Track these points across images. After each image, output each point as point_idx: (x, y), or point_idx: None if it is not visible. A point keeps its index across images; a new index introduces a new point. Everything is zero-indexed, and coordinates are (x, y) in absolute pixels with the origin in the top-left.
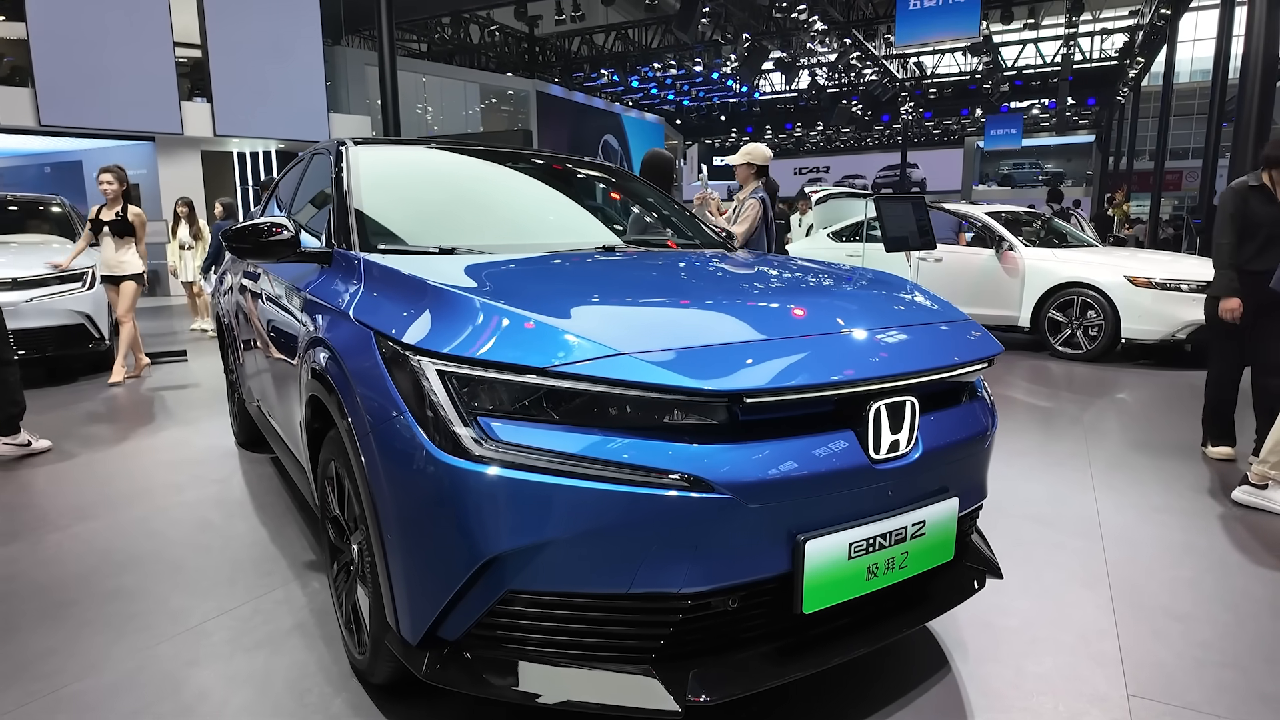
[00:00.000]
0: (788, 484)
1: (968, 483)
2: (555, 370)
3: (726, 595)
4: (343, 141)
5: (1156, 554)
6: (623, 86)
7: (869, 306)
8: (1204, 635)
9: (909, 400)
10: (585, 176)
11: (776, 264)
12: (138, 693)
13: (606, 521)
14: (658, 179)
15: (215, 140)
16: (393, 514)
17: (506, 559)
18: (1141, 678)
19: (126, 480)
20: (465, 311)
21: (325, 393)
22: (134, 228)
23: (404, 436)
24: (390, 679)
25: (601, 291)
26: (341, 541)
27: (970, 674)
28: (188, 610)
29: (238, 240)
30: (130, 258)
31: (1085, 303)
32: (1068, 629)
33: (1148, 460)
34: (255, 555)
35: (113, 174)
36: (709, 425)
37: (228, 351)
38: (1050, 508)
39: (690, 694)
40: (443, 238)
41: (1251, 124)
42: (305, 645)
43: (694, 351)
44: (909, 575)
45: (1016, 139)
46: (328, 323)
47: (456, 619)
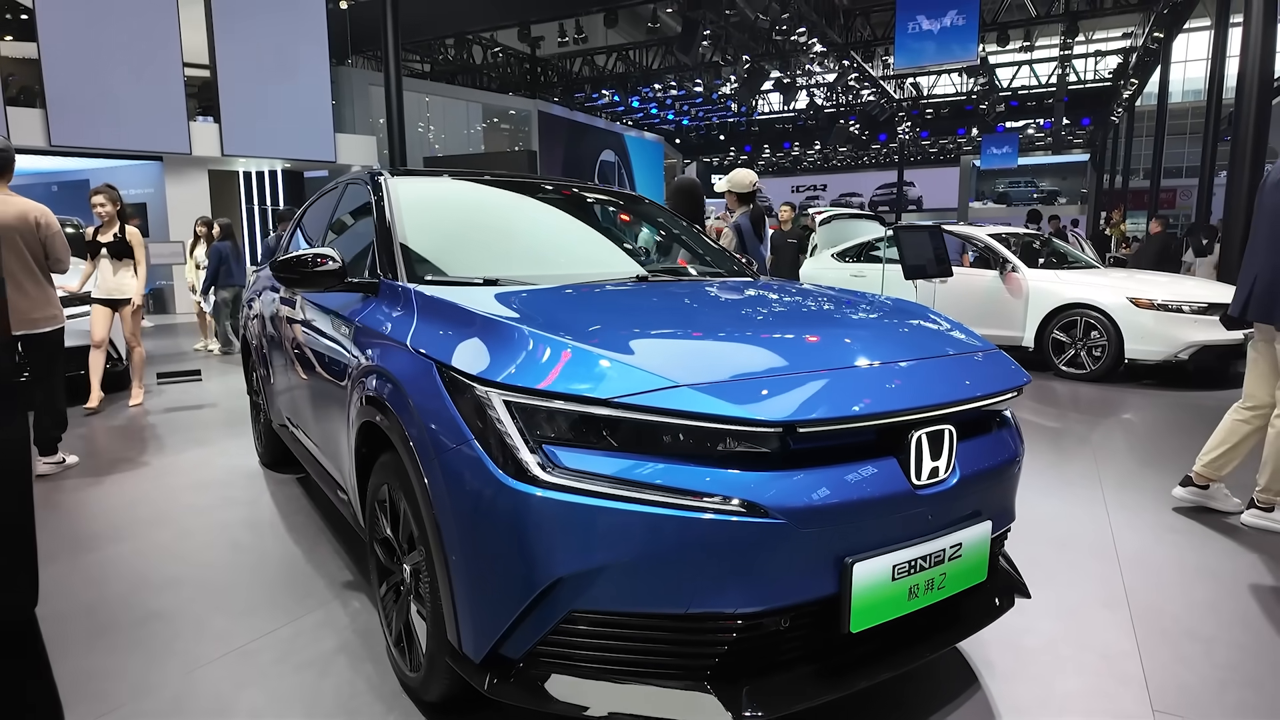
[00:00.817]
0: (837, 509)
1: (999, 506)
2: (618, 401)
3: (778, 616)
4: (379, 172)
5: (1173, 575)
6: (623, 106)
7: (906, 337)
8: (1225, 656)
9: (948, 429)
10: (615, 207)
11: (807, 294)
12: (190, 714)
13: (666, 544)
14: (688, 207)
15: (222, 160)
16: (457, 537)
17: (571, 580)
18: (1166, 697)
19: (154, 502)
20: (529, 344)
21: (383, 419)
22: (132, 249)
23: (470, 463)
24: (444, 696)
25: (652, 323)
26: (392, 562)
27: (1000, 692)
28: (230, 632)
29: (284, 270)
30: (130, 280)
31: (1089, 323)
32: (1091, 649)
33: (1157, 480)
34: (291, 576)
35: (105, 195)
36: (762, 453)
37: (253, 374)
38: (1066, 528)
39: (745, 710)
40: (483, 268)
41: (1249, 141)
42: (351, 665)
43: (748, 383)
44: (947, 595)
45: (1012, 158)
46: (382, 352)
47: (520, 637)
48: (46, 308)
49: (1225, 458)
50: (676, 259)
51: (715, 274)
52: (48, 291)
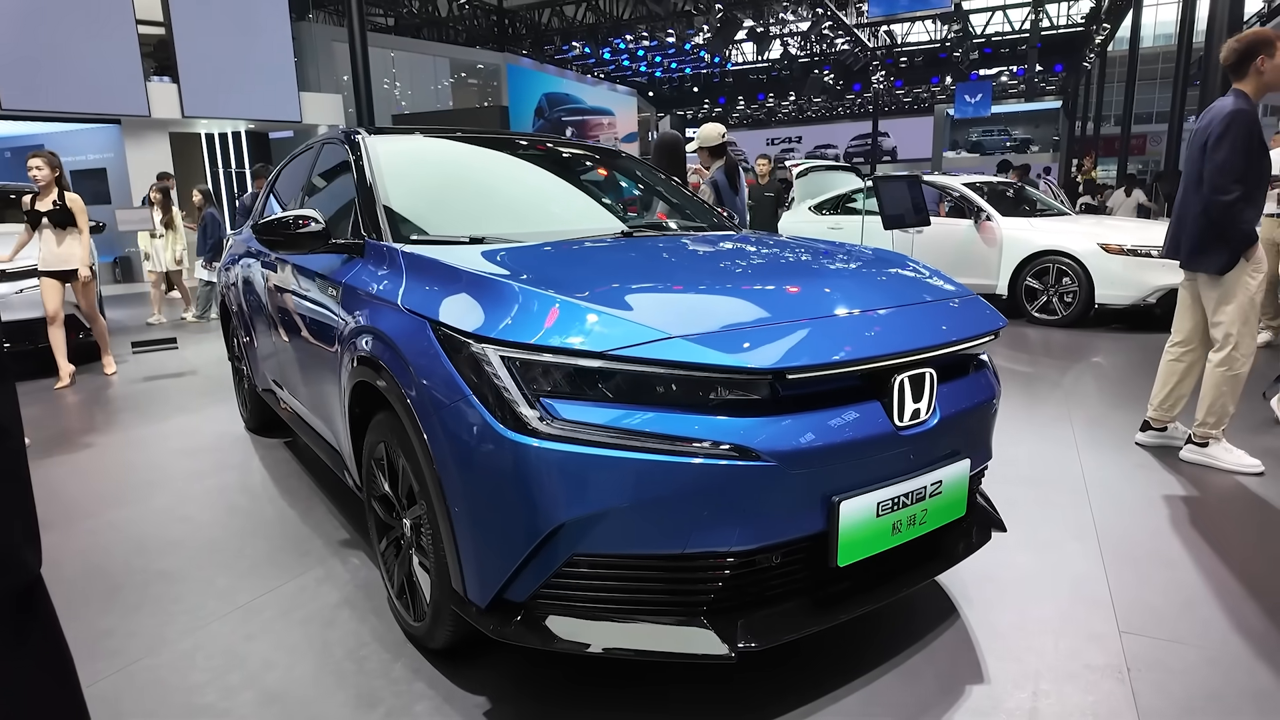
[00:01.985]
0: (824, 451)
1: (976, 445)
2: (613, 354)
3: (770, 552)
4: (356, 131)
5: (1139, 507)
6: (594, 59)
7: (888, 286)
8: (1187, 578)
9: (928, 372)
10: (595, 162)
11: (789, 245)
12: (204, 666)
13: (663, 489)
14: (670, 162)
15: (183, 122)
16: (460, 490)
17: (572, 525)
18: (1132, 618)
19: (145, 468)
20: (524, 301)
21: (378, 378)
22: (74, 215)
23: (469, 418)
24: (449, 643)
25: (641, 277)
26: (391, 518)
27: (978, 620)
28: (233, 590)
29: (267, 233)
30: (77, 249)
31: (1060, 270)
32: (1062, 578)
33: (1125, 419)
34: (289, 535)
35: (44, 159)
36: (752, 399)
37: (234, 339)
38: (1038, 468)
39: (740, 641)
40: (467, 227)
41: (1218, 85)
42: (356, 617)
43: (738, 332)
44: (928, 530)
45: (986, 106)
46: (373, 312)
47: (524, 582)
48: None
49: (1170, 398)
50: (657, 214)
51: (698, 228)
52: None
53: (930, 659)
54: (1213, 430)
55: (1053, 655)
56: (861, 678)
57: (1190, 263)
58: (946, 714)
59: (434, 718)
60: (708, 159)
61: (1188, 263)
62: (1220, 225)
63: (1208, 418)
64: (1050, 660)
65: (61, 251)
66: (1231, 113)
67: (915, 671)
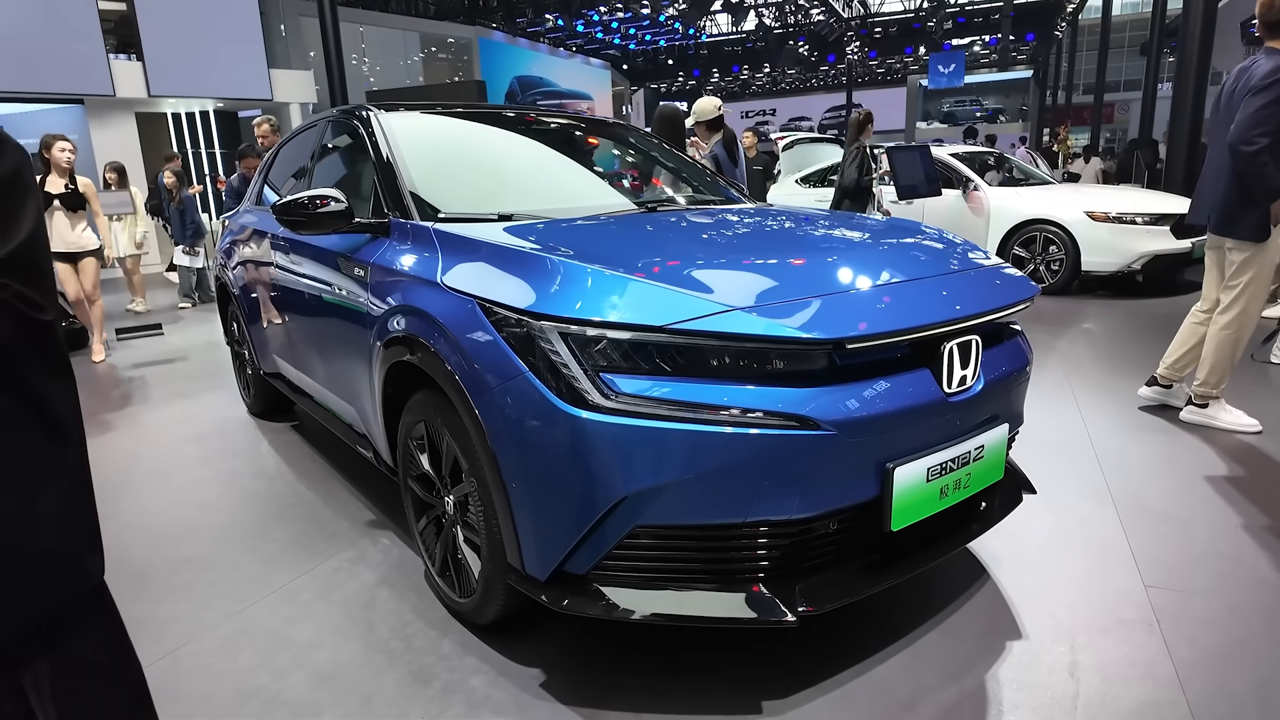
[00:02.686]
0: (880, 419)
1: (1012, 410)
2: (674, 328)
3: (828, 519)
4: (365, 106)
5: (1147, 468)
6: (567, 32)
7: (931, 255)
8: (1200, 534)
9: (974, 339)
10: (607, 136)
11: (818, 218)
12: (251, 649)
13: (725, 461)
14: (670, 135)
15: (149, 101)
16: (518, 466)
17: (635, 498)
18: (1154, 573)
19: (151, 457)
20: (579, 277)
21: (421, 358)
22: (86, 199)
23: (528, 395)
24: (499, 617)
25: (686, 250)
26: (432, 496)
27: (1008, 580)
28: (266, 574)
29: (287, 214)
30: (88, 233)
31: (1047, 238)
32: (1083, 537)
33: (1122, 384)
34: (313, 518)
35: (72, 143)
36: (810, 370)
37: (233, 323)
38: (1047, 433)
39: (799, 606)
40: (490, 203)
41: (1194, 54)
42: (395, 596)
43: (795, 304)
44: (971, 494)
45: (959, 77)
46: (410, 292)
47: (585, 554)
48: None
49: (1185, 359)
50: (670, 187)
51: (716, 201)
52: None
53: (969, 618)
54: (1213, 391)
55: (1084, 610)
56: (904, 638)
57: (1224, 228)
58: (991, 669)
59: (491, 690)
60: (705, 133)
61: (1221, 228)
62: (1244, 178)
63: (1209, 379)
64: (1083, 615)
65: (73, 236)
66: (1273, 69)
67: (956, 630)
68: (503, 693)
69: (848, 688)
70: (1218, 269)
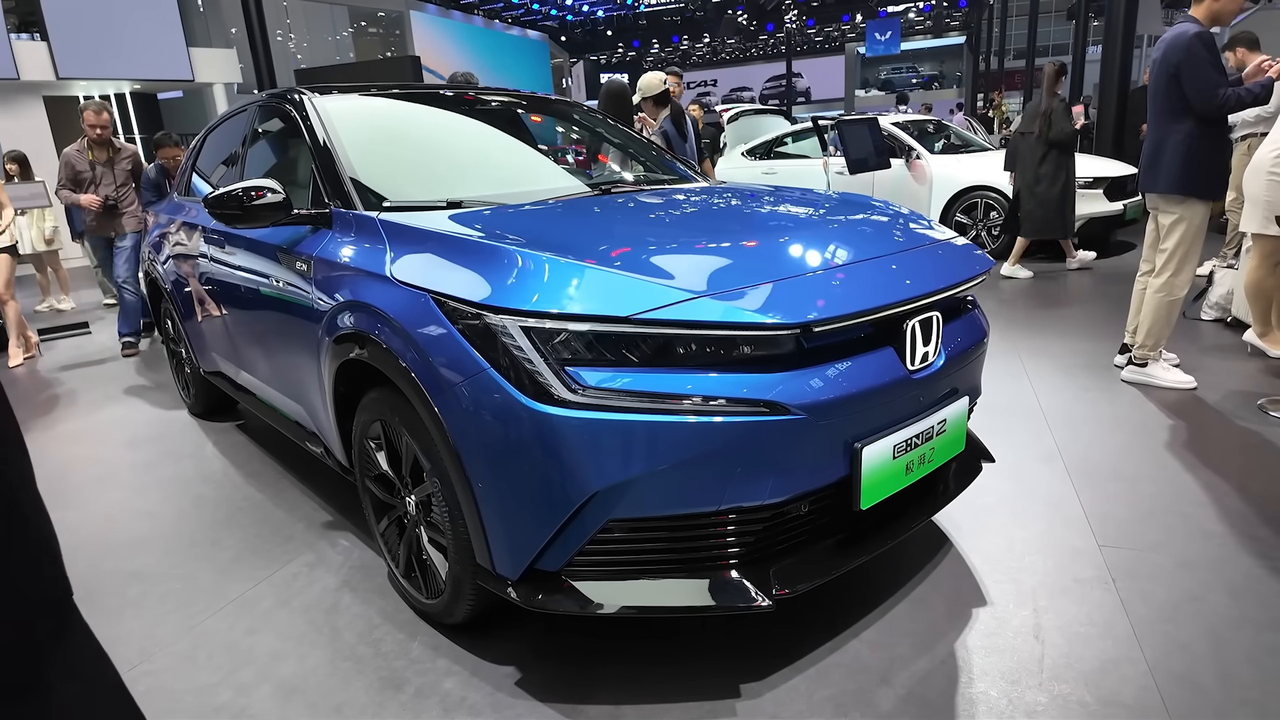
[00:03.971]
0: (848, 400)
1: (971, 383)
2: (639, 317)
3: (800, 501)
4: (298, 90)
5: (1094, 428)
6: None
7: (885, 232)
8: (1148, 490)
9: (935, 315)
10: (554, 115)
11: (775, 196)
12: (209, 665)
13: (697, 450)
14: (618, 111)
15: (59, 85)
16: (483, 465)
17: (606, 492)
18: (1106, 532)
19: (88, 465)
20: (537, 267)
21: (372, 355)
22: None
23: (491, 392)
24: (469, 616)
25: (645, 236)
26: (392, 497)
27: (970, 547)
28: (221, 584)
29: (220, 207)
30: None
31: (988, 204)
32: (1037, 499)
33: (1065, 345)
34: (266, 522)
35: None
36: (777, 354)
37: (166, 320)
38: (997, 397)
39: (774, 588)
40: (436, 190)
41: (1120, 18)
42: (359, 600)
43: (760, 289)
44: (935, 468)
45: (895, 44)
46: (357, 287)
47: (557, 551)
48: None
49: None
50: (621, 165)
51: (671, 180)
52: None
53: (935, 587)
54: (1151, 352)
55: (1044, 573)
56: (875, 610)
57: (1149, 183)
58: (960, 637)
59: (466, 692)
60: (653, 108)
61: (1146, 183)
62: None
63: (1146, 340)
64: (1042, 578)
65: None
66: (1189, 41)
67: (924, 600)
68: (478, 694)
69: (823, 665)
70: (1156, 233)
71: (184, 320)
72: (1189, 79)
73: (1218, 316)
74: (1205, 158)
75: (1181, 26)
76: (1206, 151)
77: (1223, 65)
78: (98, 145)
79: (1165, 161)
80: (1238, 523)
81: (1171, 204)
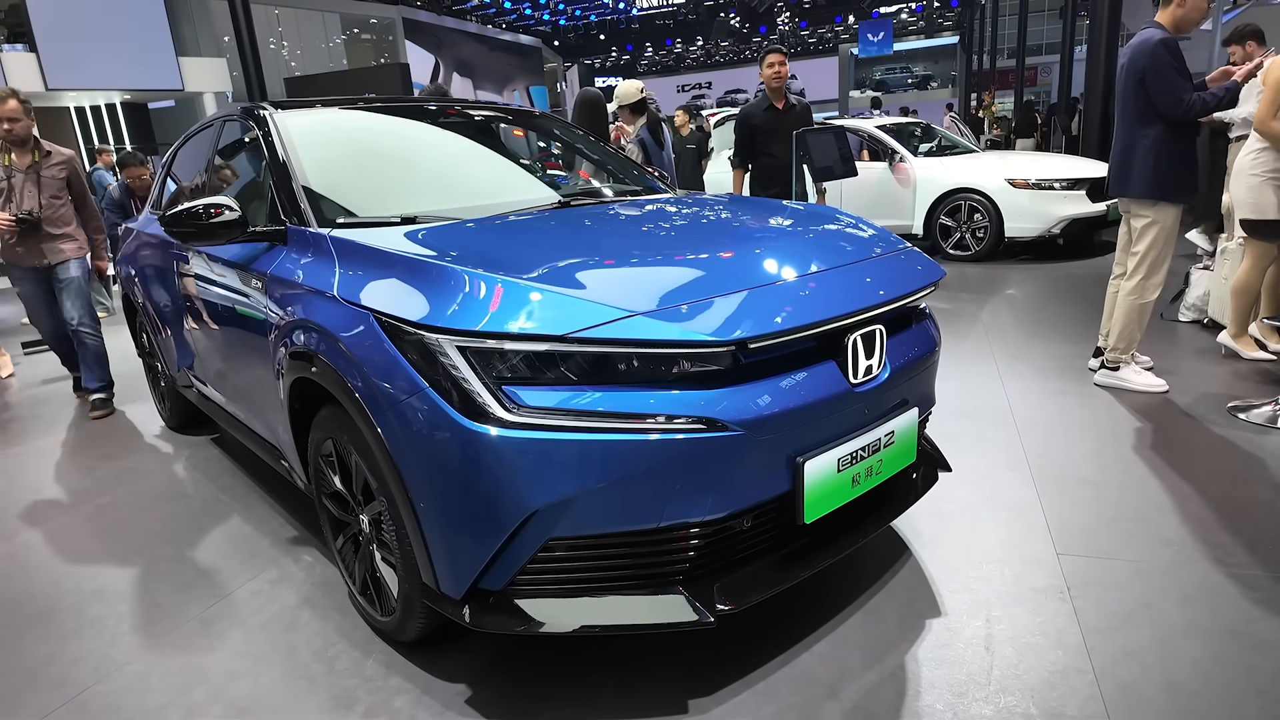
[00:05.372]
0: (787, 415)
1: (922, 393)
2: (576, 336)
3: (741, 517)
4: (260, 106)
5: (1063, 432)
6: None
7: (832, 245)
8: (1111, 496)
9: (878, 328)
10: (518, 126)
11: (728, 207)
12: (161, 686)
13: (635, 467)
14: (591, 120)
15: (48, 95)
16: (424, 484)
17: (546, 511)
18: (1067, 539)
19: (58, 481)
20: (474, 286)
21: (319, 373)
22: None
23: (428, 411)
24: (421, 634)
25: (590, 251)
26: (346, 514)
27: (928, 556)
28: (181, 602)
29: (177, 224)
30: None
31: (972, 206)
32: (1000, 507)
33: (1042, 348)
34: (232, 537)
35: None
36: (714, 370)
37: (142, 335)
38: (967, 401)
39: (718, 605)
40: (393, 205)
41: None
42: (318, 617)
43: (697, 305)
44: (883, 479)
45: (888, 44)
46: (307, 305)
47: (499, 570)
48: None
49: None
50: (587, 177)
51: (633, 191)
52: None
53: (890, 597)
54: (1123, 355)
55: (1000, 582)
56: (829, 622)
57: (1119, 188)
58: (911, 649)
59: (416, 710)
60: (629, 117)
61: (1116, 188)
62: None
63: (1118, 343)
64: (998, 587)
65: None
66: (1154, 48)
67: (877, 611)
68: (427, 712)
69: (772, 679)
70: (1128, 236)
71: (155, 335)
72: (1154, 86)
73: (1195, 318)
74: (1175, 161)
75: (1146, 33)
76: (1176, 155)
77: (1187, 70)
78: (14, 146)
79: (1136, 166)
80: (1197, 529)
81: (1144, 208)
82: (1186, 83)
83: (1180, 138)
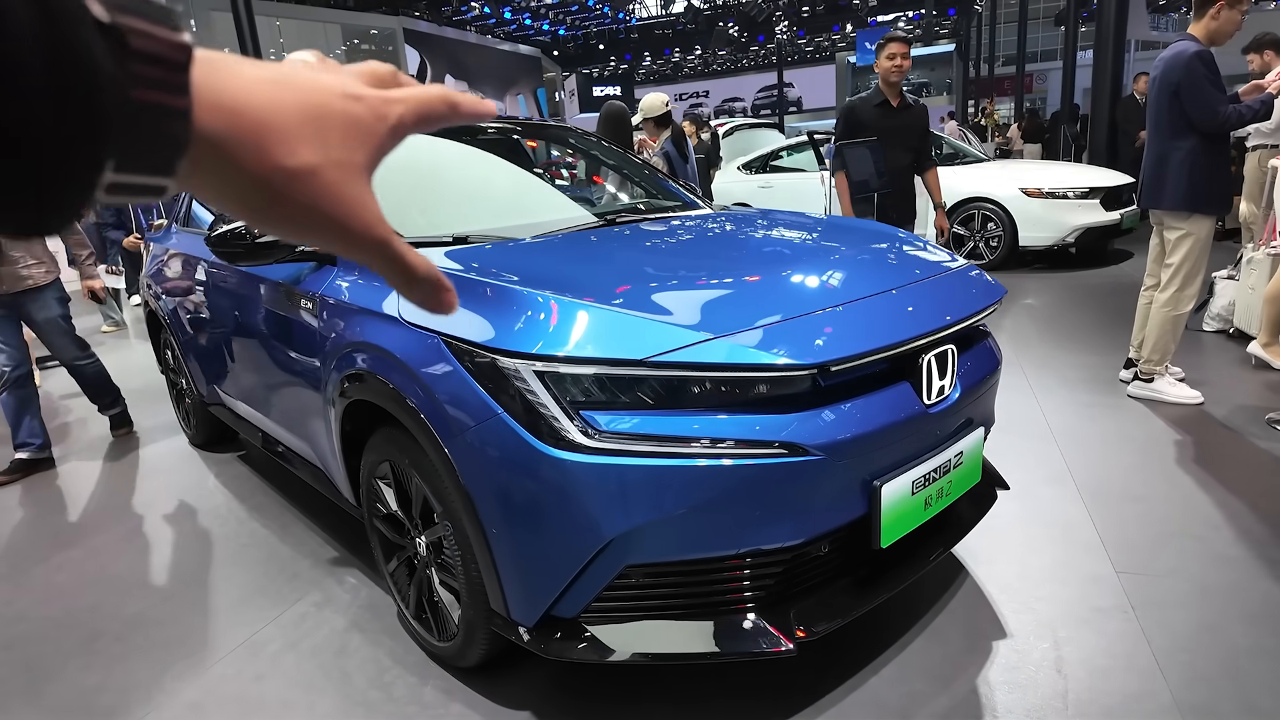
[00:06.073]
0: (866, 438)
1: (985, 412)
2: (654, 361)
3: (819, 542)
4: None
5: (1101, 446)
6: (495, 19)
7: (899, 263)
8: (1161, 512)
9: (950, 348)
10: (552, 142)
11: (780, 223)
12: (220, 714)
13: (714, 493)
14: (616, 133)
15: None
16: (497, 511)
17: (623, 539)
18: (1123, 557)
19: (88, 500)
20: (549, 309)
21: (380, 397)
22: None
23: (504, 437)
24: (483, 660)
25: (655, 273)
26: (402, 538)
27: (984, 574)
28: (229, 626)
29: (223, 245)
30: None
31: (985, 215)
32: (1050, 523)
33: (1068, 358)
34: (272, 559)
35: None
36: (794, 394)
37: (166, 351)
38: (1002, 414)
39: (797, 632)
40: (440, 223)
41: (1110, 24)
42: (369, 641)
43: (775, 328)
44: (952, 500)
45: None
46: (365, 327)
47: (574, 597)
48: None
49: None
50: (628, 194)
51: (675, 207)
52: None
53: (952, 618)
54: (1157, 366)
55: (1062, 602)
56: (894, 645)
57: (1152, 200)
58: (981, 672)
59: None
60: (654, 129)
61: (1149, 199)
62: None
63: (1152, 355)
64: (1060, 607)
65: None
66: (1188, 60)
67: (941, 632)
68: None
69: (842, 705)
70: (1160, 247)
71: (183, 353)
72: (1190, 98)
73: (1220, 328)
74: (1209, 173)
75: (1181, 45)
76: (1210, 167)
77: (1222, 82)
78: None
79: (1170, 178)
80: (1254, 545)
81: (1178, 220)
82: (1222, 95)
83: (1214, 149)
